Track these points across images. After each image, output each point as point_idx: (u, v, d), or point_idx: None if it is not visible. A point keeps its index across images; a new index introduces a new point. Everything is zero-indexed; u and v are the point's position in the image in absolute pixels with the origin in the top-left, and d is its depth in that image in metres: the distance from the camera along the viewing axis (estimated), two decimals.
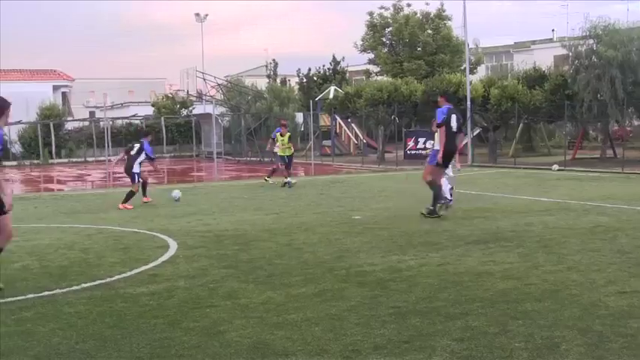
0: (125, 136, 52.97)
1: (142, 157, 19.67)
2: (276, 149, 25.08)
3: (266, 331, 7.11)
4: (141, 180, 19.61)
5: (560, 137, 46.32)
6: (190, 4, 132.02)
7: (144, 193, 19.81)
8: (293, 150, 25.50)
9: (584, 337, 6.71)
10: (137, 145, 19.79)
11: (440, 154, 15.15)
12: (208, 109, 48.55)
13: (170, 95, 62.27)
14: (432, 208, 15.05)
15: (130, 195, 18.85)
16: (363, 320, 7.40)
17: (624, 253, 10.87)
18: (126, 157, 20.13)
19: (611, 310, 7.62)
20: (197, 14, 70.49)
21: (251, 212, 16.95)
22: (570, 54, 36.61)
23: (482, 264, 10.18)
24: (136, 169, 19.40)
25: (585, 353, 6.29)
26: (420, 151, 36.62)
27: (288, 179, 24.05)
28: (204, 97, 53.33)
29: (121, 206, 18.32)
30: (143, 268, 10.39)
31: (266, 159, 40.13)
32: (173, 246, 12.21)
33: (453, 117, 15.20)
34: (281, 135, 24.71)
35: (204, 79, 52.37)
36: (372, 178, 28.78)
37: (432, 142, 20.74)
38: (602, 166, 32.25)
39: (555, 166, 31.49)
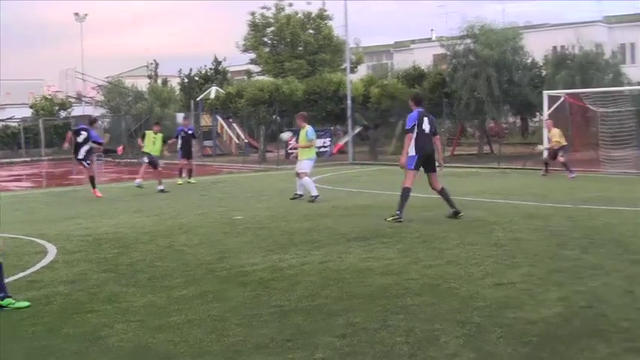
0: (2, 138, 51.47)
1: (89, 145, 21.09)
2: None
3: (147, 335, 7.05)
4: (90, 165, 21.60)
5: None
6: (70, 4, 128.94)
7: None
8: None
9: (463, 329, 6.90)
10: (84, 134, 21.00)
11: (403, 159, 15.07)
12: (88, 110, 47.64)
13: (49, 97, 60.73)
14: (397, 213, 14.52)
15: (92, 181, 21.23)
16: (245, 320, 7.42)
17: (500, 246, 11.22)
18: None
19: (488, 302, 7.85)
20: (76, 14, 69.04)
21: (131, 215, 16.69)
22: (448, 53, 37.38)
23: (362, 260, 10.32)
24: (81, 155, 21.01)
25: (464, 344, 6.46)
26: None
27: (138, 181, 23.13)
28: (83, 99, 52.23)
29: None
30: (21, 274, 10.12)
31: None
32: (52, 251, 11.93)
33: (425, 120, 15.18)
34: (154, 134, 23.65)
35: (84, 80, 51.35)
36: (254, 177, 28.75)
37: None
38: (480, 162, 33.11)
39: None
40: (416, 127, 14.91)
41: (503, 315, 7.34)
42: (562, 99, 28.81)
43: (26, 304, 8.30)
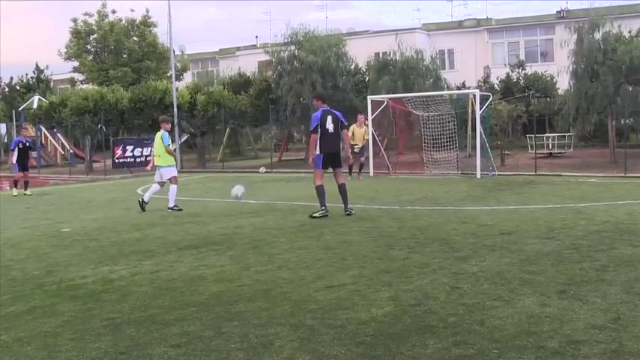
0: None
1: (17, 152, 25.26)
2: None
3: None
4: (22, 173, 25.41)
5: (266, 140, 47.51)
6: None
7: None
8: None
9: (297, 332, 6.93)
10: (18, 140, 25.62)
11: (311, 159, 15.20)
12: None
13: None
14: (322, 209, 15.23)
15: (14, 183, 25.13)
16: (78, 335, 7.20)
17: (330, 249, 11.37)
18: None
19: (320, 304, 7.92)
20: None
21: None
22: (273, 59, 37.70)
23: (194, 269, 10.24)
24: (14, 158, 25.64)
25: (299, 348, 6.49)
26: (128, 159, 36.07)
27: None
28: None
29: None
30: None
31: None
32: None
33: (329, 118, 15.04)
34: None
35: None
36: (81, 188, 28.03)
37: (141, 149, 20.50)
38: (307, 167, 33.42)
39: (262, 169, 32.32)
40: (319, 126, 14.98)
41: (335, 316, 7.42)
42: (385, 103, 29.55)
43: None
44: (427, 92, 30.49)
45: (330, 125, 15.23)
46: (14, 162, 25.98)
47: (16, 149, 25.59)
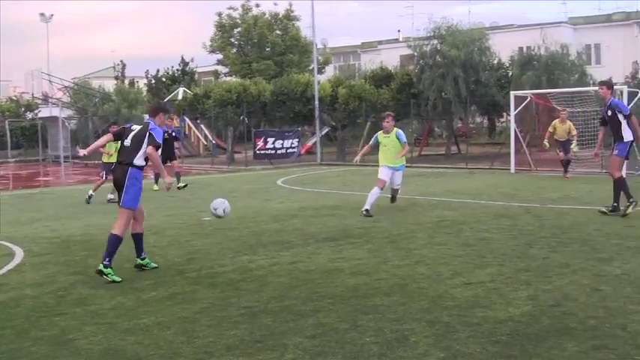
0: None
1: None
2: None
3: (117, 337, 7.00)
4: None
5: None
6: (35, 4, 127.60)
7: None
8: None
9: (432, 329, 6.92)
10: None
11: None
12: (55, 111, 47.26)
13: (15, 98, 60.20)
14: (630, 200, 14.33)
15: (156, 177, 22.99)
16: (215, 322, 7.39)
17: (469, 246, 11.27)
18: None
19: (457, 301, 7.88)
20: (42, 14, 68.52)
21: (100, 216, 16.53)
22: (415, 54, 37.55)
23: (331, 261, 10.33)
24: None
25: (434, 344, 6.48)
26: (269, 150, 36.62)
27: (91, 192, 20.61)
28: (50, 100, 51.82)
29: None
30: None
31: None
32: (19, 254, 11.82)
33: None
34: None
35: (50, 81, 50.94)
36: (222, 179, 28.68)
37: (282, 141, 20.71)
38: (447, 162, 33.29)
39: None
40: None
41: (472, 314, 7.37)
42: (529, 99, 28.99)
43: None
44: (572, 88, 29.72)
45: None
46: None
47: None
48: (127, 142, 9.94)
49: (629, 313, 7.26)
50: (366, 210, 15.06)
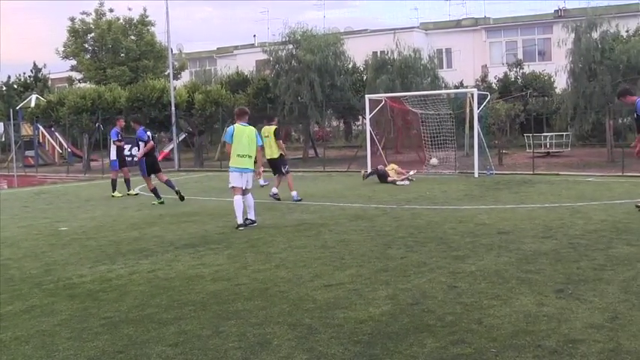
0: None
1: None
2: None
3: None
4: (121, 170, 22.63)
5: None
6: None
7: None
8: None
9: (295, 331, 6.95)
10: None
11: None
12: None
13: None
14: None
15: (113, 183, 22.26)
16: (75, 334, 7.20)
17: (328, 248, 11.38)
18: None
19: (318, 303, 7.93)
20: None
21: None
22: (271, 58, 37.65)
23: (192, 267, 10.24)
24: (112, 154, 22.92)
25: (296, 346, 6.50)
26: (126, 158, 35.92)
27: None
28: None
29: None
30: None
31: None
32: None
33: None
34: None
35: None
36: (78, 187, 28.00)
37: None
38: (305, 166, 33.55)
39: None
40: None
41: (333, 315, 7.43)
42: (383, 102, 29.52)
43: None
44: (425, 91, 30.47)
45: None
46: (113, 158, 22.98)
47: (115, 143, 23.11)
48: None
49: (484, 308, 7.49)
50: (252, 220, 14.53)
